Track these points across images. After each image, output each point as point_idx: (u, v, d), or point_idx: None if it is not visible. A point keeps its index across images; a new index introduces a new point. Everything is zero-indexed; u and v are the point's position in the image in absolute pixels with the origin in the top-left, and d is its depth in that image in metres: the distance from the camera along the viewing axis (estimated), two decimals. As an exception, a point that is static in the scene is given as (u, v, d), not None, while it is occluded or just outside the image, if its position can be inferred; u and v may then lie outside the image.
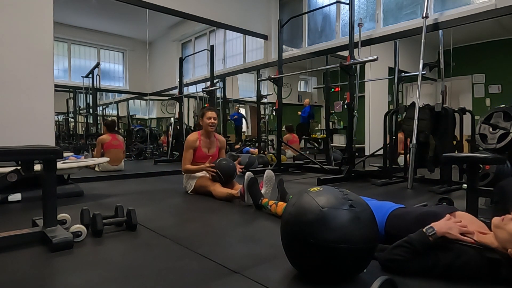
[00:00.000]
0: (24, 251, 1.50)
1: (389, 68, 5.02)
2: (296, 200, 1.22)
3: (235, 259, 1.40)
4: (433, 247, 1.18)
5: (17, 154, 1.56)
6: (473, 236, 1.19)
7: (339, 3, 4.29)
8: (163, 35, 7.06)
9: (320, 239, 1.08)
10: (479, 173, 2.48)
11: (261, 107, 6.76)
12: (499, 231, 1.15)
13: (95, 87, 6.69)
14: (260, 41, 6.41)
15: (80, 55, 8.37)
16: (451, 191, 3.08)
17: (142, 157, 6.40)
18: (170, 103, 7.24)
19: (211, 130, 3.03)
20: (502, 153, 2.74)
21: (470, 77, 5.79)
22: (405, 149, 3.98)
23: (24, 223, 1.83)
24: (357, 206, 1.15)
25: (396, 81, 4.32)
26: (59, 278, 1.27)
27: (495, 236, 1.17)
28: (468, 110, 3.52)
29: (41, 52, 3.27)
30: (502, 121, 2.91)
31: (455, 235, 1.17)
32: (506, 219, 1.14)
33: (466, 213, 1.41)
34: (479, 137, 3.02)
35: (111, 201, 2.64)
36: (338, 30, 5.43)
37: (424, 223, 1.23)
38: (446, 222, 1.22)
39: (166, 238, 1.70)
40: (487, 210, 2.34)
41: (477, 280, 1.16)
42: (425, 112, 3.46)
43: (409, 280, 1.19)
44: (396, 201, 1.68)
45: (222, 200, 2.62)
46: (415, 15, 4.44)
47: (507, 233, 1.12)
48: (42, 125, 3.26)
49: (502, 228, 1.14)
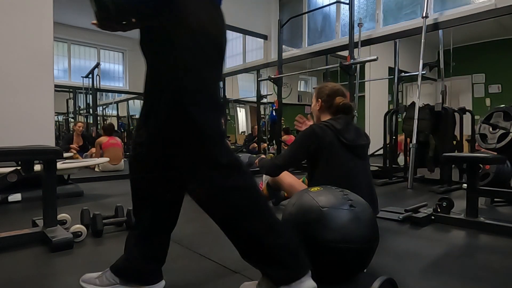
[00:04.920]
0: (24, 251, 1.50)
1: (389, 68, 5.03)
2: (296, 200, 1.22)
3: (235, 259, 1.39)
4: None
5: (17, 154, 1.56)
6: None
7: (339, 3, 4.29)
8: (163, 35, 7.06)
9: (320, 239, 1.08)
10: (479, 173, 2.48)
11: (261, 107, 6.75)
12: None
13: (95, 87, 6.68)
14: (260, 41, 6.41)
15: (80, 55, 8.36)
16: (451, 191, 3.08)
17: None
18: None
19: None
20: (502, 152, 2.74)
21: (470, 77, 5.79)
22: (405, 149, 3.98)
23: (24, 223, 1.83)
24: (357, 206, 1.15)
25: (396, 81, 4.32)
26: (59, 278, 1.27)
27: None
28: (468, 110, 3.53)
29: (41, 52, 3.27)
30: (502, 121, 2.91)
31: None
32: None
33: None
34: (479, 137, 3.03)
35: (111, 201, 2.64)
36: (338, 30, 5.43)
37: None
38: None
39: (166, 238, 1.70)
40: (487, 210, 2.34)
41: (477, 280, 1.16)
42: (425, 112, 3.46)
43: (409, 280, 1.19)
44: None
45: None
46: (415, 15, 4.44)
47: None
48: (42, 125, 3.26)
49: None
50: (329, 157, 1.62)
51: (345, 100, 1.74)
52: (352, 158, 1.64)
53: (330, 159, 1.62)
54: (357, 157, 1.65)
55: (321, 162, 1.64)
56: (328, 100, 1.77)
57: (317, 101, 1.82)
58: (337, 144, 1.62)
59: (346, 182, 1.55)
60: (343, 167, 1.61)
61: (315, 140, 1.64)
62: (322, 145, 1.62)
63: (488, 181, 2.60)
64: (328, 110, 1.78)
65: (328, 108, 1.78)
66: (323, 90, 1.80)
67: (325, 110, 1.79)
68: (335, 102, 1.74)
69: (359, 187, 1.56)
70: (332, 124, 1.66)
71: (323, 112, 1.81)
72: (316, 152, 1.64)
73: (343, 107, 1.73)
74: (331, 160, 1.62)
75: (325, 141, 1.62)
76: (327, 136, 1.63)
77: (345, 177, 1.59)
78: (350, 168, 1.62)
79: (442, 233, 1.82)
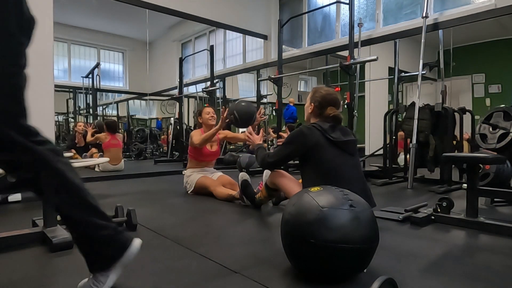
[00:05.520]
0: (24, 251, 1.50)
1: (389, 68, 5.02)
2: (296, 200, 1.22)
3: (235, 259, 1.40)
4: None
5: (17, 154, 1.56)
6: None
7: (339, 3, 4.29)
8: (163, 35, 7.06)
9: (320, 239, 1.08)
10: (479, 173, 2.48)
11: (261, 107, 6.76)
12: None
13: (95, 87, 6.68)
14: (260, 41, 6.41)
15: (80, 55, 8.36)
16: (451, 191, 3.08)
17: (142, 157, 6.40)
18: (170, 103, 7.24)
19: (212, 124, 3.02)
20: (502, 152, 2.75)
21: (470, 77, 5.79)
22: (405, 149, 3.98)
23: (24, 223, 1.84)
24: (357, 206, 1.15)
25: (396, 81, 4.32)
26: (59, 278, 1.27)
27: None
28: (468, 110, 3.52)
29: (41, 52, 3.27)
30: (502, 121, 2.91)
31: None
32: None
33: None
34: (479, 137, 3.03)
35: (111, 201, 2.64)
36: (338, 30, 5.43)
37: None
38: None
39: (166, 238, 1.70)
40: (487, 210, 2.34)
41: (477, 280, 1.16)
42: (425, 112, 3.46)
43: (409, 280, 1.19)
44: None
45: (222, 200, 2.64)
46: (415, 15, 4.44)
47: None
48: (42, 125, 3.24)
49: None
50: (318, 154, 1.70)
51: (336, 112, 1.80)
52: (341, 154, 1.71)
53: (319, 156, 1.70)
54: (345, 152, 1.72)
55: (311, 160, 1.72)
56: (320, 108, 1.83)
57: (310, 104, 1.88)
58: (325, 142, 1.70)
59: (336, 176, 1.63)
60: (332, 162, 1.68)
61: (302, 139, 1.73)
62: (310, 143, 1.71)
63: (488, 181, 2.60)
64: (319, 116, 1.84)
65: (318, 115, 1.84)
66: (317, 96, 1.86)
67: (316, 116, 1.86)
68: (326, 112, 1.81)
69: (350, 181, 1.63)
70: (319, 124, 1.75)
71: (313, 116, 1.88)
72: (306, 151, 1.72)
73: (333, 118, 1.79)
74: (320, 156, 1.69)
75: (313, 139, 1.71)
76: (314, 135, 1.72)
77: (335, 171, 1.67)
78: (339, 163, 1.69)
79: (442, 233, 1.82)
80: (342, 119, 1.83)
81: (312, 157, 1.71)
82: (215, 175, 2.98)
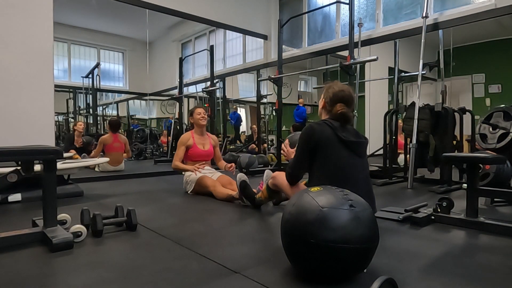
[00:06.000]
0: (24, 251, 1.50)
1: (389, 68, 5.02)
2: (296, 200, 1.22)
3: (235, 259, 1.40)
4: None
5: (17, 154, 1.56)
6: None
7: (339, 3, 4.29)
8: (163, 35, 7.06)
9: (320, 239, 1.08)
10: (479, 173, 2.48)
11: (261, 107, 6.75)
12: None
13: (95, 87, 6.68)
14: (260, 41, 6.41)
15: (80, 55, 8.35)
16: (451, 191, 3.08)
17: (142, 157, 6.40)
18: (170, 103, 7.24)
19: (203, 124, 3.10)
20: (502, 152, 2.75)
21: (470, 77, 5.78)
22: (405, 149, 3.98)
23: (24, 223, 1.84)
24: (357, 206, 1.15)
25: (396, 81, 4.32)
26: (59, 278, 1.27)
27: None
28: (468, 110, 3.52)
29: (41, 52, 3.27)
30: (502, 121, 2.91)
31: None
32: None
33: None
34: (479, 137, 3.03)
35: (111, 201, 2.64)
36: (338, 30, 5.43)
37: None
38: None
39: (166, 238, 1.70)
40: (487, 210, 2.34)
41: (477, 280, 1.16)
42: (425, 112, 3.46)
43: (409, 280, 1.19)
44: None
45: (222, 201, 2.64)
46: (415, 15, 4.44)
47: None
48: (42, 125, 3.26)
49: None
50: (327, 151, 1.65)
51: (344, 110, 1.71)
52: (350, 155, 1.65)
53: (328, 153, 1.65)
54: (354, 154, 1.66)
55: (319, 157, 1.66)
56: (330, 104, 1.77)
57: (322, 99, 1.83)
58: (335, 140, 1.64)
59: (343, 176, 1.59)
60: (340, 161, 1.63)
61: (313, 135, 1.67)
62: (320, 139, 1.65)
63: (488, 181, 2.60)
64: (329, 113, 1.78)
65: (329, 111, 1.78)
66: (329, 92, 1.79)
67: (326, 112, 1.80)
68: (335, 109, 1.74)
69: (356, 182, 1.59)
70: (330, 122, 1.69)
71: (324, 112, 1.83)
72: (316, 147, 1.67)
73: (340, 116, 1.70)
74: (329, 154, 1.64)
75: (323, 136, 1.65)
76: (325, 131, 1.66)
77: (342, 170, 1.62)
78: (347, 163, 1.64)
79: (442, 233, 1.82)
80: (352, 118, 1.76)
81: (321, 154, 1.65)
82: (214, 175, 2.98)
